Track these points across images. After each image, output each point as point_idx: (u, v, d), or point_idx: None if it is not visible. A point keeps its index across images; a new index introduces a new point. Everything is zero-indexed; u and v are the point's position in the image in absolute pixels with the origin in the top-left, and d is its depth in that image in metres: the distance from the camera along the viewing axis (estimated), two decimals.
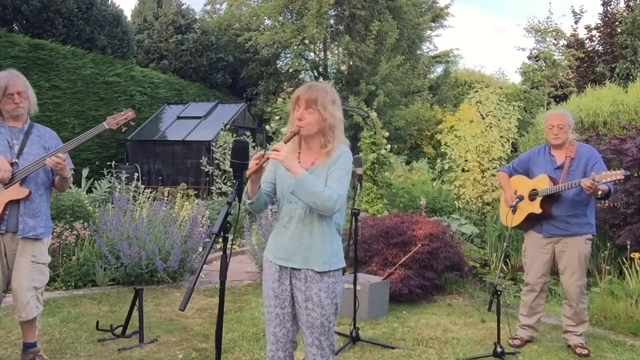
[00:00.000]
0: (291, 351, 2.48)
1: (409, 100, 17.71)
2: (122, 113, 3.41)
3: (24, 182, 3.13)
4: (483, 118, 8.20)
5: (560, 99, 14.88)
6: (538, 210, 3.86)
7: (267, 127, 9.36)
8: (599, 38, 15.47)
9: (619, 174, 3.45)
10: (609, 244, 5.55)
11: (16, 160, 3.12)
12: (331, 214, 2.31)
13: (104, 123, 3.35)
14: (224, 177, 9.67)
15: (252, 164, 2.24)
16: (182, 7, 17.31)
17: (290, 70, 17.86)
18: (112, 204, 5.99)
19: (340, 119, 2.40)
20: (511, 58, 55.67)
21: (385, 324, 4.47)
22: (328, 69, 17.80)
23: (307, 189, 2.22)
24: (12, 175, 3.08)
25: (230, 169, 3.32)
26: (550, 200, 3.84)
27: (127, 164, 11.45)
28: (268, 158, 2.25)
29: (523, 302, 4.10)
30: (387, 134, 9.15)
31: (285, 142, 2.32)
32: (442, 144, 8.61)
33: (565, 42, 16.64)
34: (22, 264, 3.17)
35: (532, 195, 3.90)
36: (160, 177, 11.12)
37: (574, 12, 16.11)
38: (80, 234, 5.40)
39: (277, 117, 9.01)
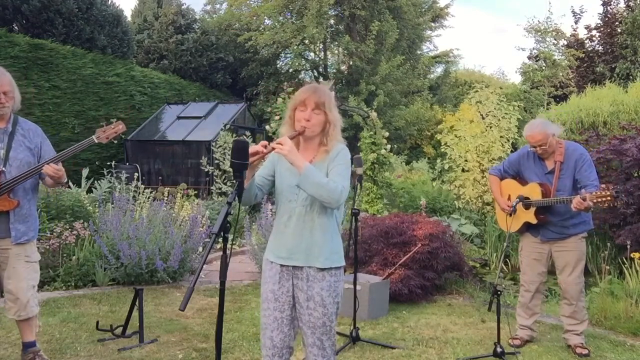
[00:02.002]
0: (287, 357, 2.46)
1: (409, 100, 17.70)
2: (112, 126, 3.39)
3: (11, 192, 3.12)
4: (483, 118, 8.20)
5: (560, 99, 14.86)
6: (534, 221, 3.87)
7: (267, 127, 9.36)
8: (599, 38, 15.46)
9: (608, 196, 3.41)
10: (609, 244, 5.55)
11: (3, 169, 3.09)
12: (336, 206, 2.33)
13: (93, 137, 3.33)
14: (224, 177, 9.67)
15: (252, 150, 2.23)
16: (182, 7, 17.29)
17: (290, 70, 17.84)
18: (112, 204, 5.99)
19: (339, 120, 2.48)
20: (511, 58, 55.66)
21: (385, 324, 4.47)
22: (328, 69, 17.79)
23: (312, 181, 2.24)
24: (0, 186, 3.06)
25: (230, 169, 3.31)
26: (544, 209, 3.84)
27: (127, 164, 11.45)
28: (273, 149, 2.27)
29: (520, 302, 4.10)
30: (387, 134, 9.14)
31: (291, 139, 2.34)
32: (442, 144, 8.61)
33: (565, 42, 16.63)
34: (18, 266, 3.19)
35: (526, 204, 3.90)
36: (160, 177, 11.11)
37: (573, 12, 16.10)
38: (80, 234, 5.40)
39: (277, 117, 9.02)
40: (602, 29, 15.22)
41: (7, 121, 3.20)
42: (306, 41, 16.27)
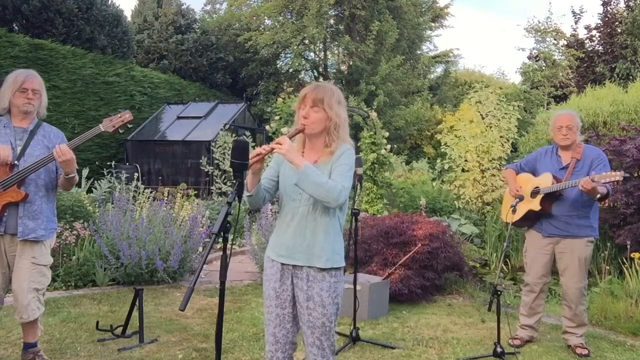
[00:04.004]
0: (290, 352, 2.47)
1: (409, 100, 17.70)
2: (119, 115, 3.35)
3: (22, 184, 3.09)
4: (483, 118, 8.20)
5: (560, 99, 14.89)
6: (537, 208, 3.86)
7: (267, 127, 9.36)
8: (599, 38, 15.48)
9: (617, 175, 3.43)
10: (609, 244, 5.55)
11: (16, 162, 3.09)
12: (336, 206, 2.31)
13: (100, 125, 3.30)
14: (224, 177, 9.68)
15: (253, 153, 2.25)
16: (182, 7, 17.32)
17: (290, 70, 17.86)
18: (112, 204, 5.99)
19: (345, 119, 2.44)
20: (511, 58, 55.67)
21: (385, 324, 4.47)
22: (328, 69, 17.80)
23: (311, 180, 2.23)
24: (8, 177, 3.04)
25: (230, 169, 3.31)
26: (551, 198, 3.83)
27: (127, 164, 11.45)
28: (272, 149, 2.27)
29: (523, 302, 4.10)
30: (387, 134, 9.14)
31: (290, 138, 2.33)
32: (442, 144, 8.61)
33: (565, 42, 16.65)
34: (22, 266, 3.14)
35: (534, 193, 3.90)
36: (160, 177, 11.12)
37: (573, 12, 16.13)
38: (80, 234, 5.39)
39: (277, 117, 9.01)
40: (602, 29, 15.24)
41: (30, 122, 3.23)
42: (306, 41, 16.28)
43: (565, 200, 3.80)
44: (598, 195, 3.60)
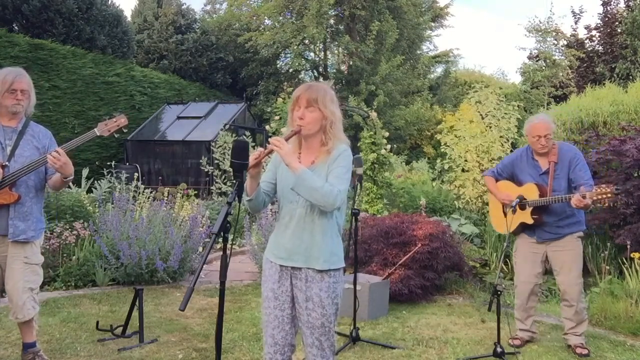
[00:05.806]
0: (289, 354, 2.46)
1: (409, 100, 17.68)
2: (114, 119, 3.35)
3: (14, 186, 3.10)
4: (483, 118, 8.20)
5: (560, 99, 14.87)
6: (530, 221, 3.86)
7: (267, 127, 9.36)
8: (598, 38, 15.48)
9: (608, 193, 3.41)
10: (609, 244, 5.55)
11: (7, 163, 3.09)
12: (332, 209, 2.31)
13: (94, 130, 3.30)
14: (224, 177, 9.67)
15: (251, 158, 2.26)
16: (182, 7, 17.31)
17: (290, 70, 17.85)
18: (112, 204, 5.99)
19: (339, 117, 2.44)
20: (511, 58, 55.60)
21: (385, 324, 4.47)
22: (328, 69, 17.79)
23: (307, 185, 2.24)
24: (1, 180, 3.05)
25: (230, 169, 3.31)
26: (540, 209, 3.84)
27: (127, 164, 11.46)
28: (271, 151, 2.28)
29: (516, 305, 4.09)
30: (387, 134, 9.13)
31: (286, 140, 2.33)
32: (442, 144, 8.60)
33: (566, 42, 16.65)
34: (15, 267, 3.15)
35: (522, 205, 3.89)
36: (160, 177, 11.12)
37: (573, 12, 16.14)
38: (80, 234, 5.40)
39: (277, 117, 9.01)
40: (602, 29, 15.24)
41: (18, 121, 3.23)
42: (306, 41, 16.27)
43: (554, 207, 3.80)
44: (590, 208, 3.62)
